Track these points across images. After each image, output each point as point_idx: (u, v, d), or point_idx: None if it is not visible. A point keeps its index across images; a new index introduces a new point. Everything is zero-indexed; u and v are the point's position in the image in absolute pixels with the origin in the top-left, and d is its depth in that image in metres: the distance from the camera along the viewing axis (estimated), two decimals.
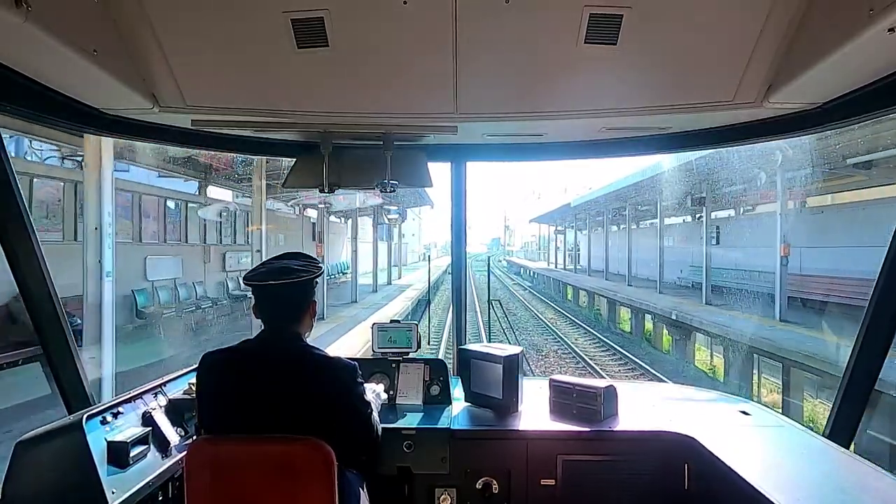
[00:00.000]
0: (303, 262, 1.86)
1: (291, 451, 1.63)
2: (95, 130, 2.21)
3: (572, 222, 37.81)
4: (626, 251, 25.27)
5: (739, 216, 20.39)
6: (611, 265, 29.08)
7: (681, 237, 23.59)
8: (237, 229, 20.28)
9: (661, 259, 21.64)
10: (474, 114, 2.19)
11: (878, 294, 2.05)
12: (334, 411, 1.74)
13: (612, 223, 30.82)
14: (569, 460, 2.30)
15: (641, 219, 28.18)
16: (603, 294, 23.87)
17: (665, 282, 21.68)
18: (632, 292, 21.58)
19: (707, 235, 18.63)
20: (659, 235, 21.96)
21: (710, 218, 19.45)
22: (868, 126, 9.93)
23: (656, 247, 22.08)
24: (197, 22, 1.83)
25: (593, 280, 29.06)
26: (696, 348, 16.52)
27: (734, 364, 13.41)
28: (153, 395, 2.12)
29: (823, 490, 1.73)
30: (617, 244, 28.68)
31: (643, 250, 25.01)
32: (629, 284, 23.90)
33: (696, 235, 20.80)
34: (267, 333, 1.80)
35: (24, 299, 2.11)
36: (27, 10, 1.31)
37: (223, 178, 17.41)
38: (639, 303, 19.62)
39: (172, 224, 16.56)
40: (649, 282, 23.50)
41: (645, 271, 25.04)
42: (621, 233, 29.01)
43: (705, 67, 1.95)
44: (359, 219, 24.10)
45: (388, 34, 1.89)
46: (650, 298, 19.63)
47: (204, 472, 1.63)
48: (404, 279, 32.88)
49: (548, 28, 1.84)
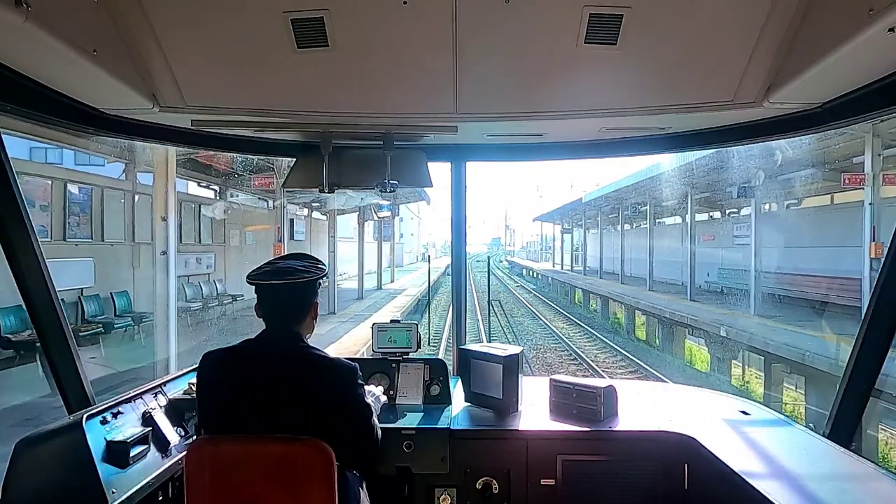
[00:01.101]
0: (306, 262, 1.87)
1: (291, 451, 1.63)
2: (95, 130, 2.21)
3: (580, 220, 35.41)
4: (647, 251, 22.63)
5: (776, 211, 17.59)
6: (621, 266, 26.42)
7: (706, 236, 20.92)
8: (203, 225, 16.92)
9: (693, 261, 18.66)
10: (474, 114, 2.19)
11: (877, 293, 2.05)
12: (334, 412, 1.74)
13: (627, 221, 27.77)
14: (569, 460, 2.30)
15: (661, 216, 25.24)
16: (621, 300, 21.17)
17: (686, 284, 18.90)
18: (657, 300, 18.71)
19: (755, 232, 15.28)
20: (690, 234, 19.03)
21: (756, 212, 15.74)
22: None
23: (679, 247, 19.99)
24: (197, 22, 1.83)
25: (607, 283, 26.25)
26: (781, 384, 12.36)
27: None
28: (153, 395, 2.12)
29: (824, 490, 1.73)
30: (633, 244, 26.20)
31: (663, 251, 22.60)
32: (650, 289, 21.27)
33: (724, 233, 19.01)
34: (268, 333, 1.80)
35: (23, 299, 2.11)
36: (27, 10, 1.31)
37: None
38: (670, 313, 16.49)
39: (80, 216, 12.19)
40: (669, 285, 21.33)
41: (662, 273, 22.65)
42: (636, 231, 27.02)
43: (705, 67, 1.95)
44: (345, 215, 22.24)
45: (388, 34, 1.89)
46: (682, 307, 16.73)
47: (204, 472, 1.63)
48: (398, 282, 30.01)
49: (548, 28, 1.84)
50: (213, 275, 17.11)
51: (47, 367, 2.21)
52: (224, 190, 17.51)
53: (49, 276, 2.11)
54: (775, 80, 1.89)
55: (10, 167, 1.97)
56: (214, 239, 17.56)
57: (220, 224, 17.56)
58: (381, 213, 21.67)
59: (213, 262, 17.35)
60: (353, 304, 19.24)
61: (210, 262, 17.23)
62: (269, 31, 1.84)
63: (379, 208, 19.96)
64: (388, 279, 29.14)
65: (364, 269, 23.13)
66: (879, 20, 1.36)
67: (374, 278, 26.21)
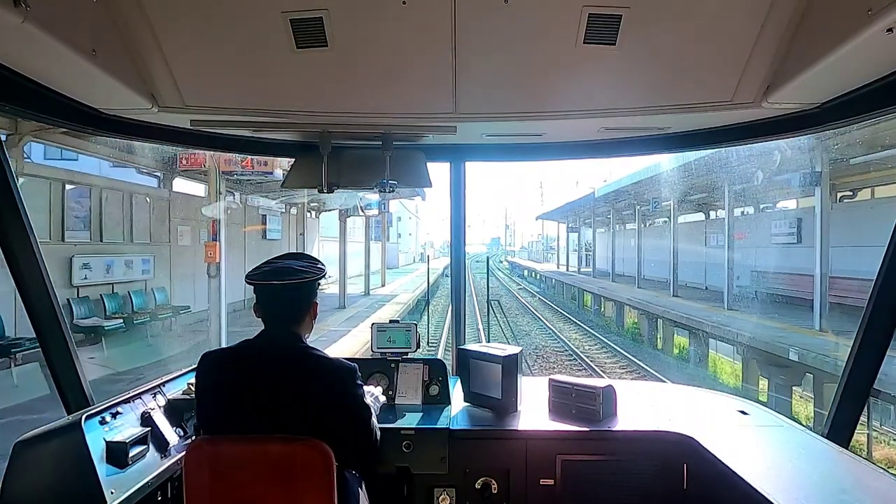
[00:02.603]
0: (305, 262, 1.87)
1: (290, 451, 1.63)
2: (94, 130, 2.21)
3: (589, 217, 32.99)
4: (669, 252, 20.12)
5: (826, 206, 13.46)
6: (629, 266, 24.74)
7: (738, 234, 17.91)
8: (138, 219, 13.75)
9: (731, 264, 15.78)
10: (473, 114, 2.19)
11: (876, 293, 2.05)
12: (333, 412, 1.74)
13: (645, 218, 25.47)
14: (568, 460, 2.30)
15: (686, 211, 22.65)
16: (645, 308, 18.15)
17: (712, 288, 16.61)
18: (688, 308, 15.89)
19: (821, 230, 12.17)
20: (727, 233, 15.97)
21: (822, 205, 12.41)
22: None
23: (702, 247, 17.79)
24: (196, 22, 1.83)
25: (621, 287, 23.58)
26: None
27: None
28: (152, 395, 2.12)
29: (822, 490, 1.73)
30: (648, 244, 23.66)
31: (683, 251, 20.18)
32: (675, 294, 18.58)
33: (759, 230, 16.40)
34: (267, 333, 1.80)
35: (23, 299, 2.11)
36: (26, 10, 1.31)
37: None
38: (711, 326, 13.59)
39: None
40: (690, 289, 18.92)
41: (682, 276, 20.22)
42: (649, 230, 24.84)
43: (704, 68, 1.96)
44: (333, 212, 20.10)
45: (388, 34, 1.89)
46: (723, 319, 13.88)
47: (203, 473, 1.63)
48: (390, 287, 26.82)
49: (547, 28, 1.84)
50: (150, 282, 14.11)
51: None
52: (168, 177, 14.72)
53: (48, 277, 2.11)
54: (774, 81, 1.90)
55: (9, 167, 1.97)
56: (155, 237, 14.34)
57: (161, 219, 14.50)
58: (369, 211, 19.57)
59: (152, 267, 14.09)
60: (333, 315, 16.41)
61: (147, 267, 13.92)
62: (268, 32, 1.84)
63: (367, 205, 17.92)
64: (380, 283, 26.71)
65: (348, 273, 20.40)
66: (878, 20, 1.36)
67: (371, 281, 23.65)
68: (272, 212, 18.96)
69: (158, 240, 14.44)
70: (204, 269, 12.75)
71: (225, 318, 12.77)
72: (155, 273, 14.21)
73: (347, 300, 19.34)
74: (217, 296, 12.66)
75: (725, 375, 14.09)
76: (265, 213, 18.61)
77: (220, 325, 12.62)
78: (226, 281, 12.60)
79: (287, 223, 20.35)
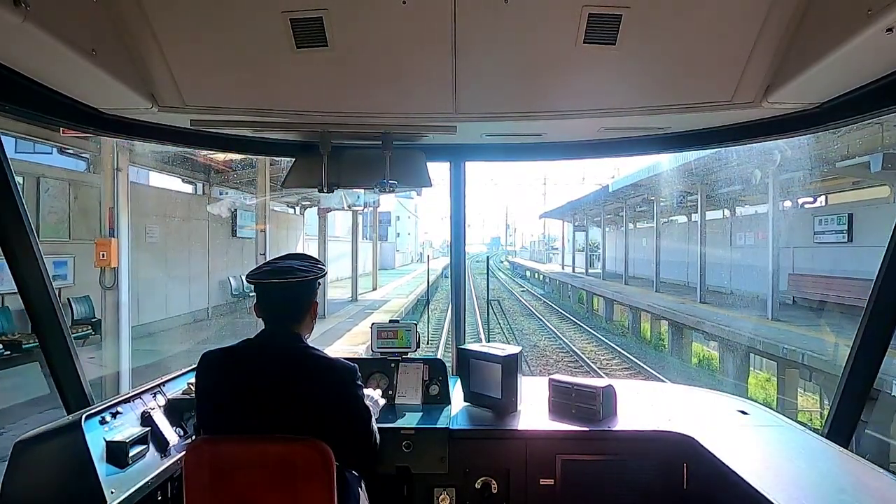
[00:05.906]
0: (305, 262, 1.87)
1: (290, 451, 1.63)
2: (94, 130, 2.21)
3: (598, 215, 30.91)
4: (687, 253, 18.13)
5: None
6: (641, 267, 22.97)
7: (763, 233, 15.93)
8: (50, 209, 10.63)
9: (776, 265, 13.11)
10: (473, 114, 2.19)
11: (876, 293, 2.05)
12: (333, 412, 1.74)
13: (669, 213, 23.34)
14: (568, 460, 2.30)
15: (715, 206, 20.34)
16: (672, 318, 15.86)
17: (738, 293, 14.37)
18: (720, 316, 13.76)
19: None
20: (771, 232, 13.29)
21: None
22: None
23: (725, 246, 15.81)
24: (196, 22, 1.83)
25: (637, 291, 21.37)
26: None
27: None
28: (152, 394, 2.12)
29: (822, 490, 1.73)
30: (665, 245, 21.40)
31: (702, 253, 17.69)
32: (702, 301, 16.48)
33: (798, 228, 14.66)
34: (267, 333, 1.80)
35: (23, 299, 2.11)
36: (26, 10, 1.31)
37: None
38: (763, 343, 11.07)
39: None
40: (713, 293, 16.71)
41: (707, 279, 17.73)
42: (667, 228, 22.78)
43: (704, 67, 1.96)
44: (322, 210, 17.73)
45: (387, 34, 1.89)
46: (773, 333, 11.43)
47: (203, 472, 1.63)
48: (382, 291, 24.34)
49: (547, 28, 1.84)
50: (68, 290, 10.82)
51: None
52: (95, 159, 11.66)
53: (48, 277, 2.11)
54: (774, 80, 1.90)
55: (9, 168, 1.97)
56: (76, 232, 11.10)
57: (86, 211, 11.27)
58: (355, 207, 17.76)
59: (72, 271, 10.90)
60: (317, 325, 12.70)
61: (63, 272, 10.71)
62: (268, 31, 1.84)
63: (356, 199, 16.16)
64: (371, 286, 24.10)
65: (331, 276, 18.79)
66: (878, 20, 1.36)
67: (354, 285, 20.73)
68: (245, 207, 16.22)
69: (84, 236, 11.00)
70: (174, 270, 11.15)
71: (128, 342, 9.73)
72: (76, 279, 11.05)
73: (330, 307, 16.81)
74: (114, 314, 9.55)
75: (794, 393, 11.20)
76: (237, 207, 16.09)
77: (120, 351, 9.54)
78: (190, 286, 11.06)
79: (266, 219, 17.05)
